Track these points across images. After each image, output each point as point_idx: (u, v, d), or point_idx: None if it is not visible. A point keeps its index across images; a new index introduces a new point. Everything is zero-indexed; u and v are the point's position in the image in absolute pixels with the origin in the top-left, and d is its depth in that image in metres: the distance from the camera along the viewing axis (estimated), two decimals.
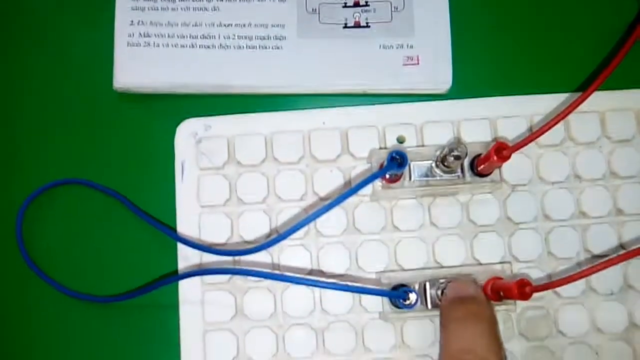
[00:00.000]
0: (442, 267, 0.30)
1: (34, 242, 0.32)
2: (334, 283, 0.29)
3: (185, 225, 0.31)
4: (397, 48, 0.33)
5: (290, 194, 0.31)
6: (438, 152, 0.29)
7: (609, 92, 0.32)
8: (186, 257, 0.30)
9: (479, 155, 0.29)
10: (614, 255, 0.30)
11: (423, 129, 0.31)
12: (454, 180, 0.29)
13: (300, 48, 0.33)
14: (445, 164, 0.28)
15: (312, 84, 0.32)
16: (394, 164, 0.26)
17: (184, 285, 0.30)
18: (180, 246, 0.31)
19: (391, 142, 0.31)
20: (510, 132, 0.31)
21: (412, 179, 0.29)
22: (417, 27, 0.33)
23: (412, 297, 0.28)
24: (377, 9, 0.33)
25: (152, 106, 0.33)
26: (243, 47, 0.33)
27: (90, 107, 0.33)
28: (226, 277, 0.30)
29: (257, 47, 0.33)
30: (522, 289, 0.26)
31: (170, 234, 0.31)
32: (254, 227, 0.31)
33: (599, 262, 0.25)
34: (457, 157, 0.27)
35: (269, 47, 0.33)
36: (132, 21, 0.33)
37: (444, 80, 0.32)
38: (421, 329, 0.30)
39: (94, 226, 0.32)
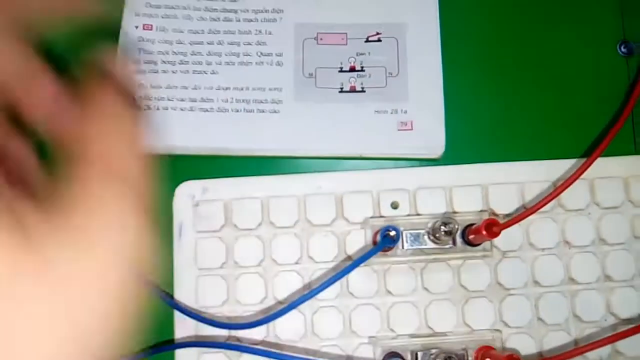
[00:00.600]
0: (434, 332, 0.31)
1: None
2: None
3: (182, 287, 0.32)
4: (391, 113, 0.33)
5: (286, 258, 0.32)
6: (430, 224, 0.29)
7: (598, 160, 0.32)
8: (183, 323, 0.31)
9: (471, 225, 0.30)
10: (605, 327, 0.31)
11: (416, 195, 0.32)
12: (445, 249, 0.30)
13: (296, 112, 0.33)
14: (437, 235, 0.29)
15: (308, 147, 0.33)
16: (388, 240, 0.27)
17: (180, 349, 0.31)
18: (177, 312, 0.31)
19: (385, 208, 0.32)
20: (502, 199, 0.32)
21: (405, 247, 0.30)
22: (411, 92, 0.33)
23: None
24: (373, 75, 0.34)
25: (150, 167, 0.33)
26: (241, 110, 0.33)
27: None
28: None
29: (255, 110, 0.33)
30: None
31: (168, 301, 0.31)
32: (249, 291, 0.31)
33: (589, 343, 0.26)
34: (448, 233, 0.28)
35: (266, 111, 0.33)
36: None
37: (437, 145, 0.33)
38: None
39: None
